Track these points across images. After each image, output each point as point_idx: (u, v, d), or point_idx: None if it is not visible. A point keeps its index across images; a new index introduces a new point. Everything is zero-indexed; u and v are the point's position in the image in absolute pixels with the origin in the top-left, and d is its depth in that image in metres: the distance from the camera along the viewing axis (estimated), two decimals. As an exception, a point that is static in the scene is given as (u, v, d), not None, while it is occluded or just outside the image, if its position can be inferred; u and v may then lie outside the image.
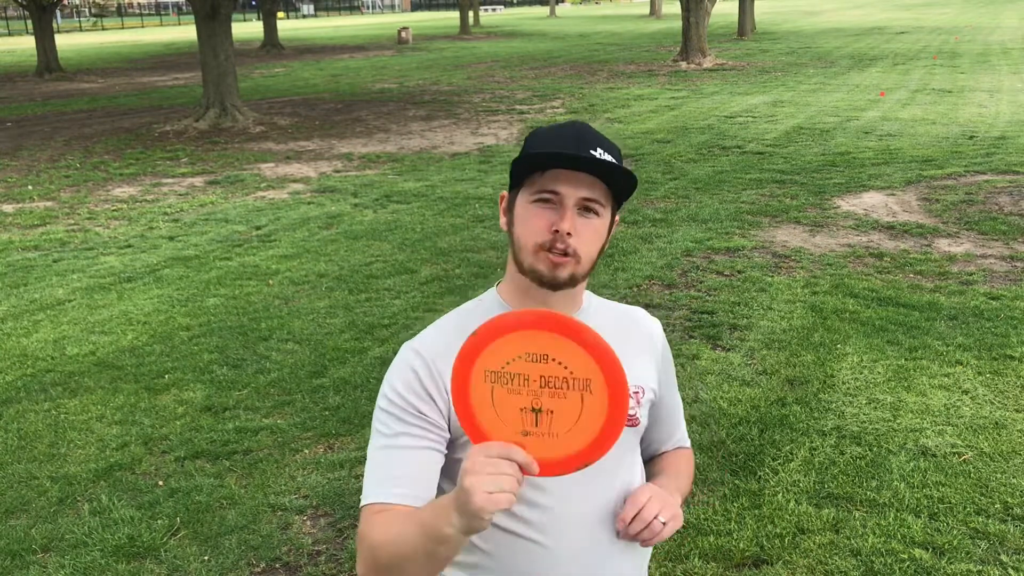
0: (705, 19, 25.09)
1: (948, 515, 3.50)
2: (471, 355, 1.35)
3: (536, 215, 1.52)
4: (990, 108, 14.68)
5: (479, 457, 1.28)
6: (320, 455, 4.15)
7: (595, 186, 1.52)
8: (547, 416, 1.33)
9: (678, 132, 13.32)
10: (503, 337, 1.33)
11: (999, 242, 7.28)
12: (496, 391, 1.34)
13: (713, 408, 4.45)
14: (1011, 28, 33.91)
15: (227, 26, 15.40)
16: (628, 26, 46.26)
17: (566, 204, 1.50)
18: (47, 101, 20.80)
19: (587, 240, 1.52)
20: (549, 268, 1.52)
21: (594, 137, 1.54)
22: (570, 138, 1.52)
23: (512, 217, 1.58)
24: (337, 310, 6.05)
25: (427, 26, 53.74)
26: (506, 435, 1.33)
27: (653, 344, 1.72)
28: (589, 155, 1.49)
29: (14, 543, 3.52)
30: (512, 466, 1.28)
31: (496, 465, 1.27)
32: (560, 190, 1.50)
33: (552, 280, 1.52)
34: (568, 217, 1.50)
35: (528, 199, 1.54)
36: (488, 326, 1.34)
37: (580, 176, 1.50)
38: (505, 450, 1.29)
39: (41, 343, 5.62)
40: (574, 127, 1.56)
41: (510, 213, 1.59)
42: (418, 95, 19.54)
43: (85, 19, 74.62)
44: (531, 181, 1.53)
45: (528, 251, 1.53)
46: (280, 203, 9.52)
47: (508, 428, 1.33)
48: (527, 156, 1.51)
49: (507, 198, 1.61)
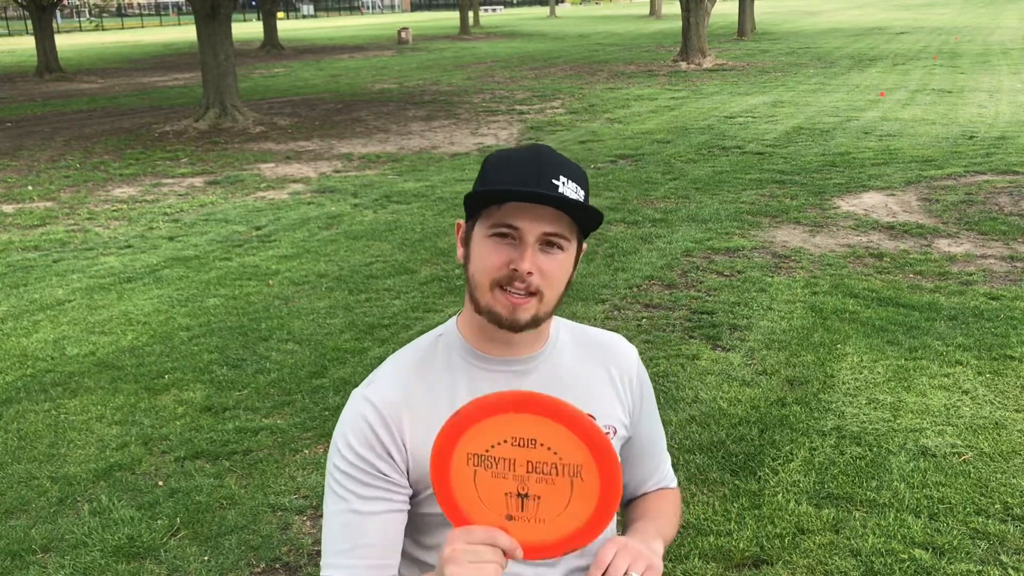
0: (705, 19, 25.09)
1: (948, 515, 3.50)
2: (453, 436, 1.26)
3: (493, 251, 1.39)
4: (990, 108, 14.68)
5: (460, 544, 1.20)
6: (320, 455, 4.15)
7: (558, 220, 1.38)
8: (534, 501, 1.26)
9: (678, 132, 13.32)
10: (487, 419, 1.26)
11: (999, 242, 7.28)
12: (479, 474, 1.26)
13: (713, 408, 4.45)
14: (1011, 28, 33.91)
15: (227, 26, 15.40)
16: (628, 26, 46.26)
17: (526, 241, 1.37)
18: (47, 101, 20.80)
19: (551, 277, 1.40)
20: (508, 311, 1.40)
21: (556, 164, 1.40)
22: (530, 167, 1.38)
23: (467, 251, 1.46)
24: (337, 310, 6.05)
25: (427, 26, 53.75)
26: (489, 519, 1.26)
27: (627, 375, 1.59)
28: (550, 187, 1.36)
29: (14, 543, 3.52)
30: (496, 552, 1.21)
31: (477, 553, 1.20)
32: (519, 225, 1.37)
33: (512, 323, 1.41)
34: (528, 256, 1.37)
35: (485, 232, 1.41)
36: (471, 407, 1.26)
37: (541, 209, 1.36)
38: (488, 535, 1.22)
39: (41, 343, 5.62)
40: (534, 153, 1.42)
41: (467, 245, 1.47)
42: (418, 95, 19.54)
43: (86, 19, 74.61)
44: (488, 213, 1.40)
45: (484, 289, 1.41)
46: (280, 203, 9.52)
47: (491, 512, 1.26)
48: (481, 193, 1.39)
49: (463, 227, 1.49)
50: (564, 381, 1.51)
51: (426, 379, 1.48)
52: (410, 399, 1.45)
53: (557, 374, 1.51)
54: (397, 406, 1.44)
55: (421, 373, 1.48)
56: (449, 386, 1.47)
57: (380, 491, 1.42)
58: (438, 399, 1.46)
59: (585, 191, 1.43)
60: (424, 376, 1.48)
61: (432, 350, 1.52)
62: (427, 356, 1.51)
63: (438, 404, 1.45)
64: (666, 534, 1.56)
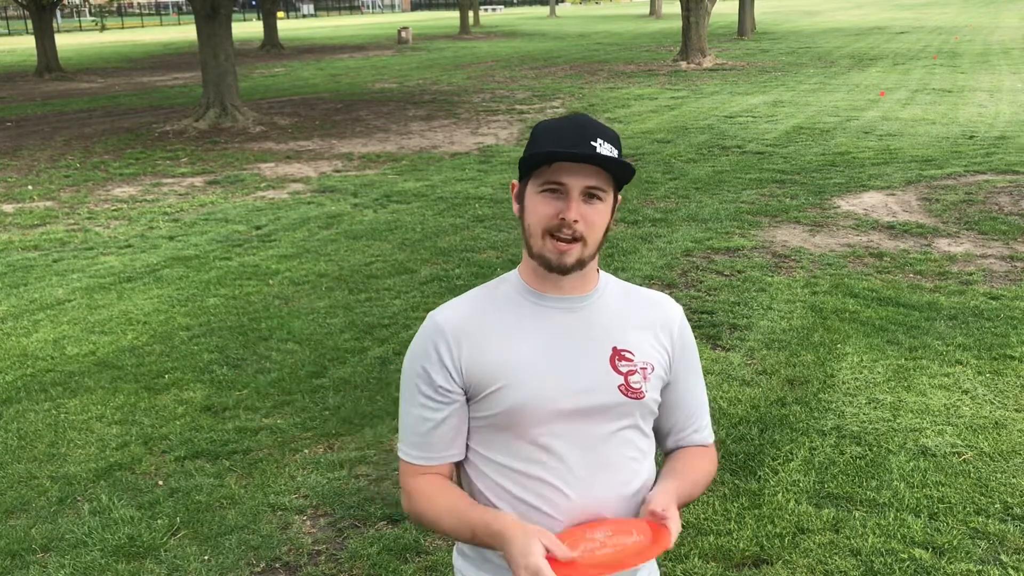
0: (705, 19, 25.09)
1: (948, 515, 3.50)
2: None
3: (544, 203, 1.63)
4: (990, 108, 14.68)
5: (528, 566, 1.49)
6: (320, 455, 4.15)
7: (598, 175, 1.62)
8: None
9: (678, 132, 13.32)
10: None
11: (999, 242, 7.28)
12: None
13: (713, 408, 4.45)
14: (1011, 28, 33.91)
15: (227, 26, 15.40)
16: (628, 26, 46.25)
17: (572, 194, 1.61)
18: (47, 101, 20.79)
19: (593, 224, 1.63)
20: (556, 255, 1.63)
21: (595, 129, 1.63)
22: (573, 133, 1.62)
23: (523, 205, 1.69)
24: (337, 310, 6.05)
25: (427, 26, 53.75)
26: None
27: (668, 326, 1.77)
28: (591, 149, 1.59)
29: (14, 543, 3.52)
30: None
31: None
32: (565, 181, 1.61)
33: (560, 266, 1.64)
34: (574, 207, 1.61)
35: (536, 189, 1.65)
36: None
37: (583, 167, 1.61)
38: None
39: (41, 343, 5.62)
40: (576, 120, 1.65)
41: (521, 201, 1.70)
42: (418, 95, 19.54)
43: (87, 19, 74.62)
44: (539, 173, 1.64)
45: (537, 237, 1.64)
46: (280, 203, 9.52)
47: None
48: (533, 156, 1.62)
49: (517, 187, 1.72)
50: (610, 320, 1.72)
51: (489, 307, 1.73)
52: (473, 322, 1.70)
53: (603, 314, 1.73)
54: (459, 329, 1.68)
55: (486, 302, 1.74)
56: (509, 314, 1.71)
57: (441, 398, 1.68)
58: (498, 323, 1.70)
59: (619, 150, 1.65)
60: (488, 304, 1.73)
61: (496, 287, 1.76)
62: (491, 293, 1.75)
63: (498, 326, 1.69)
64: (686, 493, 1.73)
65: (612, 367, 1.68)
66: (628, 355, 1.70)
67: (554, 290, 1.71)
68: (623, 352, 1.70)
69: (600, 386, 1.67)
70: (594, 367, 1.68)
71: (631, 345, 1.71)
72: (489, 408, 1.67)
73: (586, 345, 1.69)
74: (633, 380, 1.69)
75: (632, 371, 1.69)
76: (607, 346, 1.70)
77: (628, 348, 1.70)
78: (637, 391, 1.69)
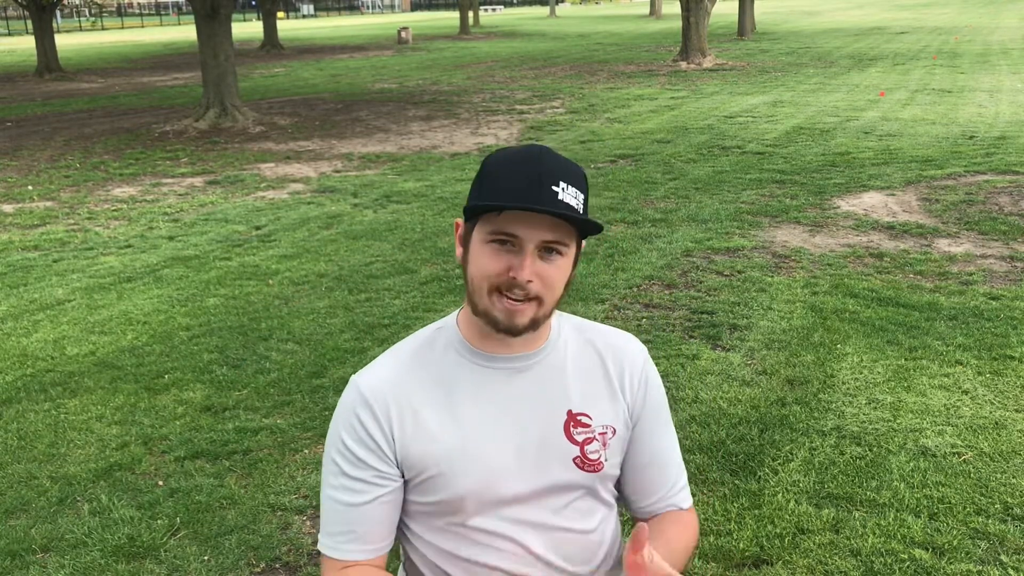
0: (705, 19, 25.09)
1: (948, 515, 3.50)
2: None
3: (492, 257, 1.38)
4: (990, 108, 14.68)
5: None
6: (320, 455, 4.15)
7: (557, 227, 1.36)
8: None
9: (678, 132, 13.31)
10: None
11: (999, 242, 7.28)
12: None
13: (713, 408, 4.45)
14: (1011, 28, 33.91)
15: (227, 26, 15.40)
16: (628, 26, 46.25)
17: (526, 249, 1.36)
18: (47, 101, 20.79)
19: (551, 283, 1.39)
20: (506, 316, 1.39)
21: (555, 169, 1.37)
22: (530, 173, 1.35)
23: (467, 251, 1.44)
24: (337, 310, 6.05)
25: (427, 26, 53.75)
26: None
27: (628, 374, 1.56)
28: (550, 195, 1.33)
29: (14, 543, 3.51)
30: None
31: None
32: (519, 233, 1.35)
33: (509, 328, 1.41)
34: (528, 264, 1.36)
35: (484, 238, 1.39)
36: None
37: (541, 217, 1.35)
38: None
39: (41, 343, 5.62)
40: (534, 158, 1.38)
41: (466, 246, 1.45)
42: (418, 95, 19.54)
43: (86, 19, 74.59)
44: (487, 218, 1.38)
45: (482, 294, 1.40)
46: (280, 203, 9.52)
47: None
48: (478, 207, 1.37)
49: (462, 227, 1.47)
50: (561, 380, 1.50)
51: (422, 372, 1.48)
52: (403, 391, 1.46)
53: (554, 373, 1.50)
54: (388, 398, 1.45)
55: (418, 365, 1.49)
56: (447, 381, 1.48)
57: (371, 482, 1.45)
58: (433, 392, 1.46)
59: (584, 193, 1.42)
60: (420, 368, 1.49)
61: (431, 343, 1.52)
62: (426, 348, 1.51)
63: (433, 396, 1.46)
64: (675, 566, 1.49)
65: (567, 436, 1.47)
66: (585, 419, 1.49)
67: (501, 348, 1.47)
68: (579, 417, 1.49)
69: (554, 461, 1.47)
70: (546, 440, 1.46)
71: (588, 406, 1.50)
72: (425, 495, 1.46)
73: (536, 413, 1.47)
74: (590, 450, 1.48)
75: (589, 439, 1.48)
76: (561, 410, 1.48)
77: (584, 412, 1.49)
78: (595, 463, 1.49)
